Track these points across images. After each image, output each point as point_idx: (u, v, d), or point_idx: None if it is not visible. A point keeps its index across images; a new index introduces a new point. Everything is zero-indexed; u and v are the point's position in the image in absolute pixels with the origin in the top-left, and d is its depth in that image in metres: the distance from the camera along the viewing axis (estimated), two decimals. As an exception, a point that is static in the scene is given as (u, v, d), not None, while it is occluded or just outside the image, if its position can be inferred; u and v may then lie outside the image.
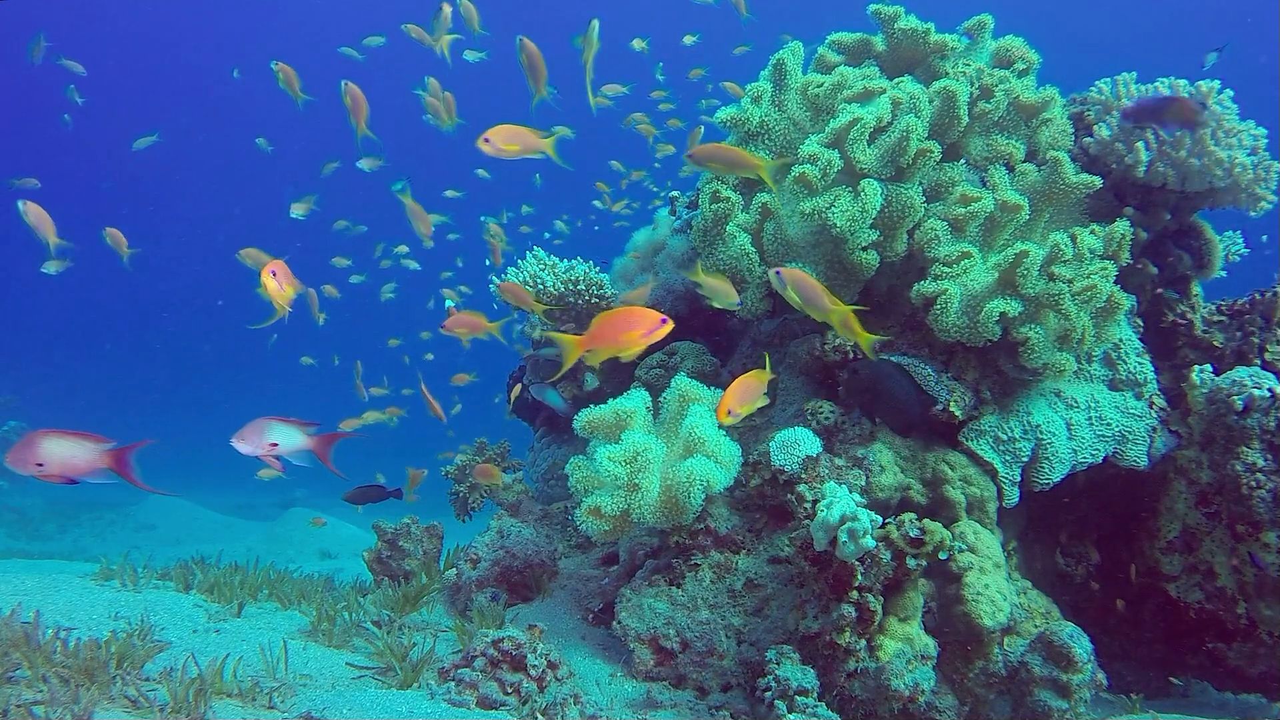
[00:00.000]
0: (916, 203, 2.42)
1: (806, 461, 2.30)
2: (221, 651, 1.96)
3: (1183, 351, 2.90)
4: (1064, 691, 2.09)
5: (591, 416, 2.43)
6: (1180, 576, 2.67)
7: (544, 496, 3.52)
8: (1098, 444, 2.57)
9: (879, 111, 2.47)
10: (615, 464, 2.22)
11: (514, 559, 2.71)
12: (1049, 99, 2.63)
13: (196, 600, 2.41)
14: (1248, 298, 2.89)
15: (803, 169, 2.40)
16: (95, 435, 1.74)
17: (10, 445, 1.57)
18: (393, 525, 3.03)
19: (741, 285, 2.58)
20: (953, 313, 2.31)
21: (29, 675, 1.62)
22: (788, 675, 1.93)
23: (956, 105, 2.50)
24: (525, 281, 3.28)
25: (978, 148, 2.65)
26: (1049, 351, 2.34)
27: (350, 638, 2.26)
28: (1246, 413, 2.51)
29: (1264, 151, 2.66)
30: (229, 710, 1.67)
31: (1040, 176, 2.53)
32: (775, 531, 2.36)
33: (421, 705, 1.82)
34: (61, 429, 1.61)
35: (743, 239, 2.47)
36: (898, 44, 2.79)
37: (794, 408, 2.59)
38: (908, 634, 2.09)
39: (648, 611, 2.26)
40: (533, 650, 1.97)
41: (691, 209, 3.44)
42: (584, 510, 2.24)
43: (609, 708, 2.02)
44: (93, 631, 1.95)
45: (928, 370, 2.42)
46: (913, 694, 1.98)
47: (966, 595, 2.22)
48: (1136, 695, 2.48)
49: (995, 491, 2.42)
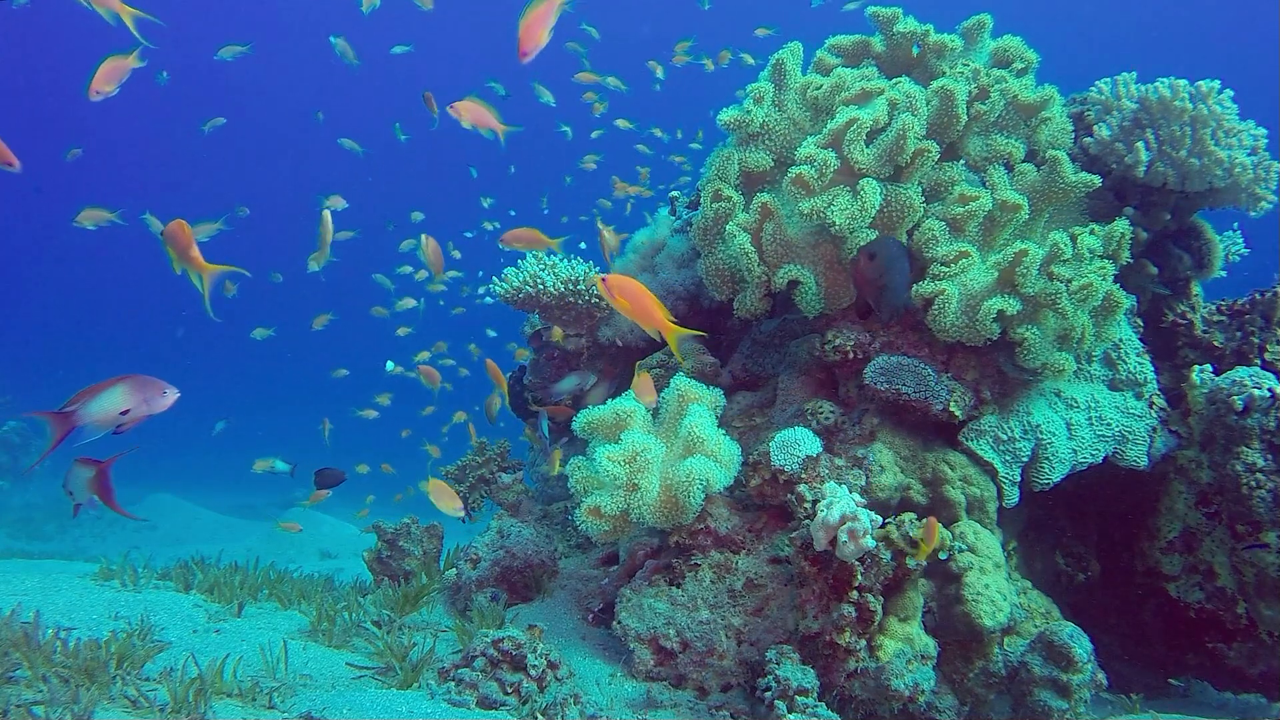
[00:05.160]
0: (915, 202, 2.42)
1: (806, 461, 2.30)
2: (221, 651, 1.96)
3: (1183, 351, 2.90)
4: (1064, 691, 2.09)
5: (591, 416, 2.43)
6: (1180, 576, 2.67)
7: (544, 496, 3.52)
8: (1098, 444, 2.57)
9: (876, 112, 2.47)
10: (615, 464, 2.22)
11: (514, 559, 2.71)
12: (1048, 98, 2.63)
13: (196, 600, 2.41)
14: (1248, 298, 2.89)
15: (799, 170, 2.40)
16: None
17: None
18: (393, 525, 3.03)
19: (741, 285, 2.58)
20: (951, 313, 2.31)
21: (29, 675, 1.62)
22: (788, 675, 1.93)
23: (954, 104, 2.50)
24: (525, 281, 3.28)
25: (976, 147, 2.64)
26: (1047, 351, 2.34)
27: (350, 638, 2.26)
28: (1246, 413, 2.51)
29: (1264, 151, 2.66)
30: (229, 710, 1.67)
31: (1039, 176, 2.53)
32: (775, 531, 2.36)
33: (421, 705, 1.82)
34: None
35: (742, 238, 2.47)
36: (896, 46, 2.79)
37: (794, 408, 2.59)
38: (908, 634, 2.09)
39: (648, 611, 2.26)
40: (533, 650, 1.97)
41: (692, 209, 3.44)
42: (584, 510, 2.24)
43: (609, 708, 2.01)
44: (93, 631, 1.96)
45: (928, 370, 2.41)
46: (913, 694, 1.98)
47: (966, 595, 2.22)
48: (1136, 695, 2.48)
49: (995, 491, 2.42)
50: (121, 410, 1.72)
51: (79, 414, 1.72)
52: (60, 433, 1.72)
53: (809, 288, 2.43)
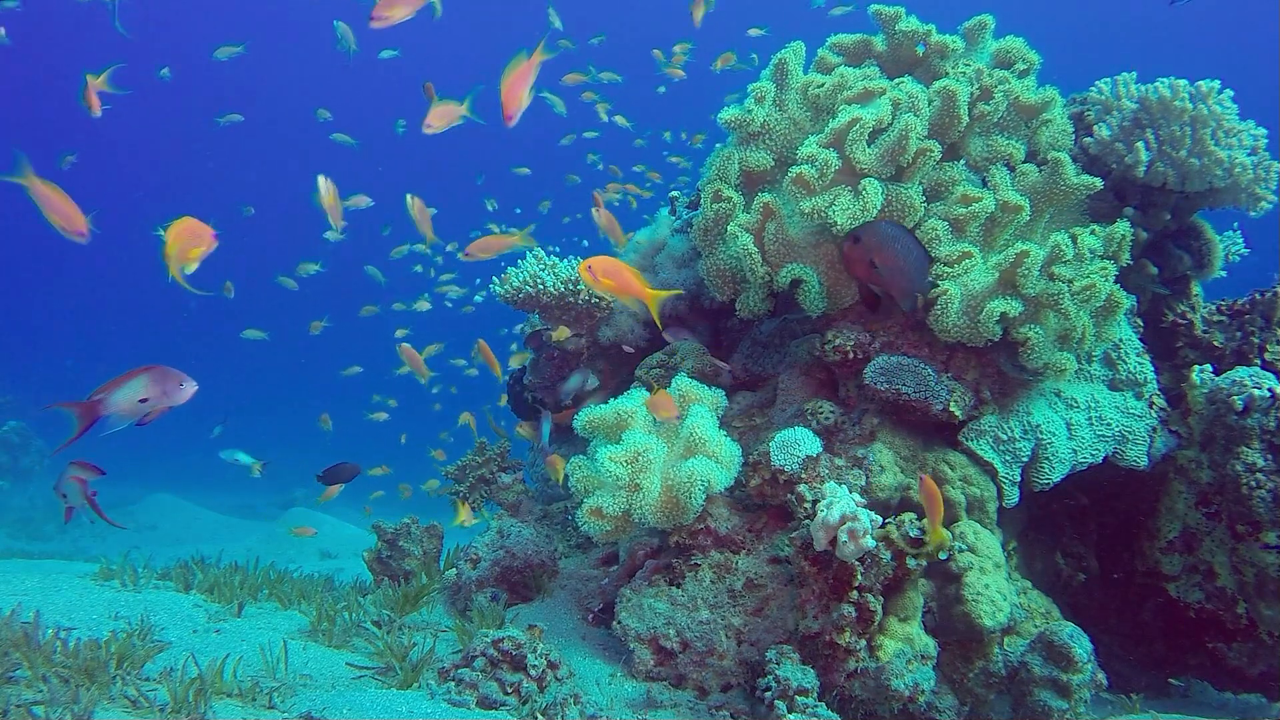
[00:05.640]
0: (917, 202, 2.42)
1: (806, 461, 2.30)
2: (221, 651, 1.96)
3: (1183, 351, 2.90)
4: (1064, 691, 2.09)
5: (592, 416, 2.43)
6: (1180, 576, 2.67)
7: (544, 496, 3.52)
8: (1098, 444, 2.57)
9: (879, 111, 2.46)
10: (617, 464, 2.22)
11: (514, 559, 2.71)
12: (1049, 100, 2.63)
13: (196, 600, 2.42)
14: (1248, 298, 2.89)
15: (800, 169, 2.40)
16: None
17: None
18: (393, 525, 3.03)
19: (743, 286, 2.58)
20: (953, 313, 2.31)
21: (29, 675, 1.62)
22: (788, 675, 1.93)
23: (957, 105, 2.50)
24: (525, 281, 3.28)
25: (978, 148, 2.64)
26: (1050, 351, 2.34)
27: (350, 638, 2.26)
28: (1246, 413, 2.51)
29: (1264, 151, 2.66)
30: (229, 710, 1.67)
31: (1041, 177, 2.53)
32: (775, 531, 2.36)
33: (421, 705, 1.82)
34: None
35: (745, 239, 2.47)
36: (898, 45, 2.79)
37: (794, 408, 2.59)
38: (908, 634, 2.09)
39: (648, 611, 2.26)
40: (533, 650, 1.97)
41: (692, 209, 3.44)
42: (586, 511, 2.24)
43: (609, 708, 2.01)
44: (93, 631, 1.96)
45: (928, 371, 2.41)
46: (913, 694, 1.98)
47: (966, 595, 2.22)
48: (1136, 695, 2.48)
49: (995, 491, 2.42)
50: (140, 399, 1.73)
51: (104, 403, 1.73)
52: (85, 422, 1.73)
53: (812, 286, 2.43)
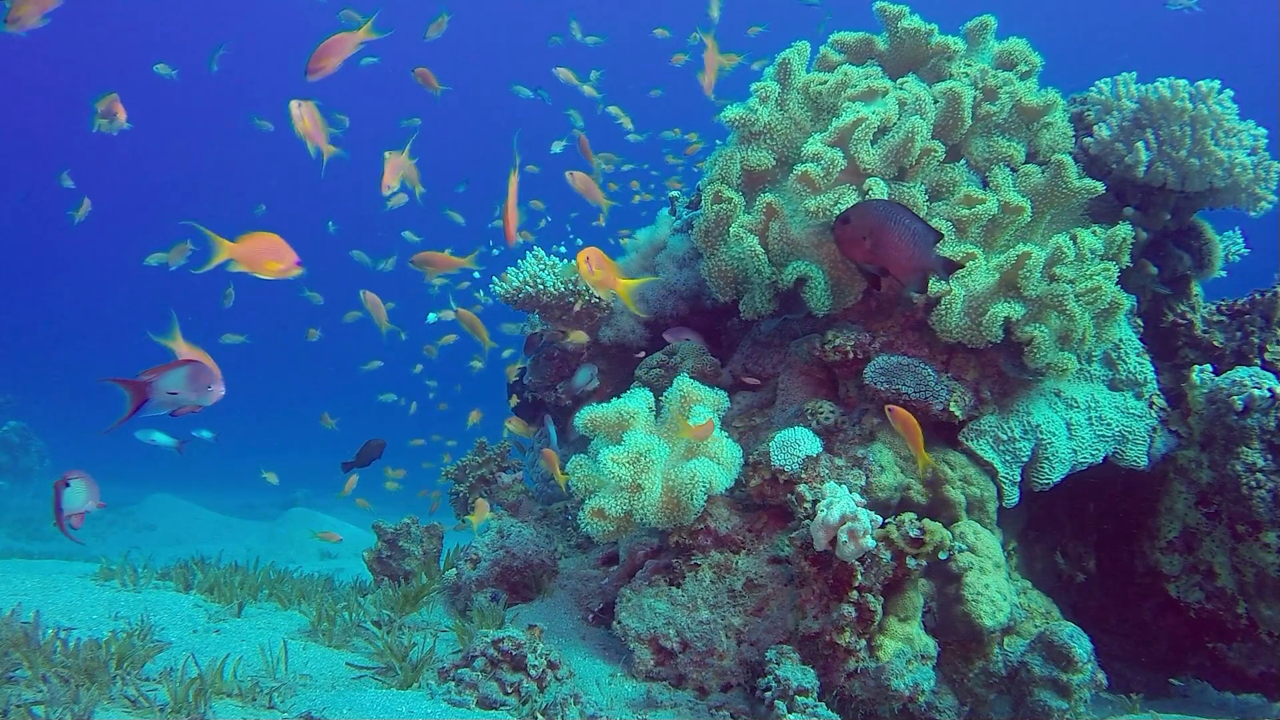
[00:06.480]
0: (919, 203, 2.42)
1: (806, 461, 2.30)
2: (221, 651, 1.96)
3: (1183, 351, 2.90)
4: (1064, 691, 2.09)
5: (594, 415, 2.42)
6: (1180, 576, 2.67)
7: (544, 496, 3.52)
8: (1098, 444, 2.57)
9: (885, 111, 2.47)
10: (619, 465, 2.22)
11: (514, 559, 2.71)
12: (1051, 102, 2.63)
13: (196, 600, 2.41)
14: (1248, 298, 2.89)
15: (805, 167, 2.40)
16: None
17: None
18: (393, 525, 3.03)
19: (747, 286, 2.58)
20: (956, 314, 2.31)
21: (29, 675, 1.62)
22: (788, 675, 1.93)
23: (961, 107, 2.50)
24: (525, 281, 3.28)
25: (979, 149, 2.65)
26: (1053, 351, 2.34)
27: (350, 638, 2.26)
28: (1246, 413, 2.51)
29: (1264, 151, 2.66)
30: (229, 710, 1.67)
31: (1043, 179, 2.53)
32: (775, 531, 2.36)
33: (421, 705, 1.82)
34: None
35: (750, 240, 2.47)
36: (900, 44, 2.79)
37: (794, 408, 2.59)
38: (908, 634, 2.09)
39: (648, 611, 2.26)
40: (533, 650, 1.97)
41: (692, 209, 3.44)
42: (588, 511, 2.23)
43: (609, 708, 2.01)
44: (93, 631, 1.96)
45: (928, 370, 2.41)
46: (913, 694, 1.98)
47: (966, 595, 2.22)
48: (1136, 695, 2.48)
49: (995, 491, 2.42)
50: (170, 391, 1.74)
51: (154, 385, 1.73)
52: (136, 401, 1.73)
53: (817, 284, 2.42)
